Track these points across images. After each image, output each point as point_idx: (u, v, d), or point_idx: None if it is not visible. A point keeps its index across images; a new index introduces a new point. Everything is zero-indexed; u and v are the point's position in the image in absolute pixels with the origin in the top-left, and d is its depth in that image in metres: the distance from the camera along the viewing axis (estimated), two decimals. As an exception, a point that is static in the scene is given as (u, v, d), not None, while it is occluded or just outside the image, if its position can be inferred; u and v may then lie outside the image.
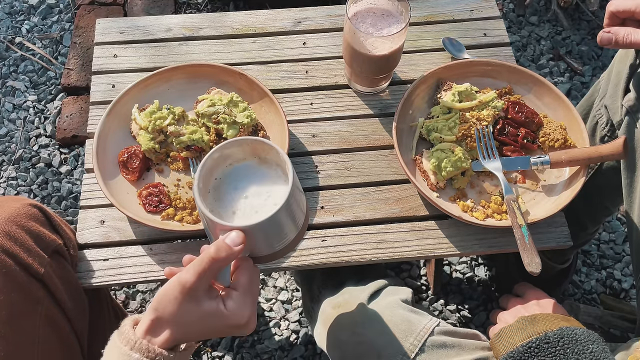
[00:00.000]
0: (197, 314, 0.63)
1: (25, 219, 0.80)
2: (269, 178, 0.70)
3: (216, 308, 0.63)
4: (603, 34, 0.80)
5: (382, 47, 0.96)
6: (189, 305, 0.62)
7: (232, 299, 0.64)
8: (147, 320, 0.62)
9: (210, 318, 0.63)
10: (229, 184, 0.70)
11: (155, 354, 0.61)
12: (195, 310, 0.62)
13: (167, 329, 0.62)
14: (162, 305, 0.62)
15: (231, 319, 0.63)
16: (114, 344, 0.63)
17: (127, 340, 0.62)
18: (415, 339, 0.82)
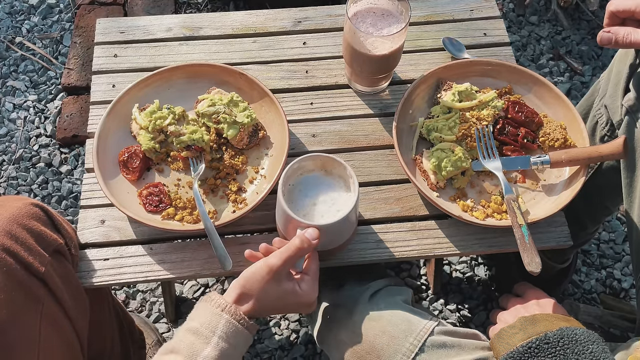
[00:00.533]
0: (277, 292, 0.77)
1: (27, 218, 0.81)
2: (333, 188, 0.87)
3: (293, 288, 0.78)
4: (603, 33, 0.80)
5: (382, 47, 0.96)
6: (273, 284, 0.77)
7: (305, 282, 0.80)
8: (234, 293, 0.77)
9: (288, 296, 0.78)
10: (300, 191, 0.87)
11: (240, 318, 0.75)
12: (277, 289, 0.77)
13: (251, 301, 0.76)
14: (249, 283, 0.77)
15: (304, 297, 0.79)
16: (204, 307, 0.76)
17: (218, 304, 0.75)
18: (415, 338, 0.82)
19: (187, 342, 0.73)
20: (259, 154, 0.99)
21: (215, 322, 0.74)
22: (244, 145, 0.98)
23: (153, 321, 1.34)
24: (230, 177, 0.97)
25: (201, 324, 0.74)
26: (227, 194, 0.95)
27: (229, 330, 0.74)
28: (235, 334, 0.74)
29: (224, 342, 0.73)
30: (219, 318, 0.74)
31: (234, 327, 0.74)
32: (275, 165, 0.96)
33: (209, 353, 0.72)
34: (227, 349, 0.73)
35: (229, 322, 0.74)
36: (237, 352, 0.76)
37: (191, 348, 0.72)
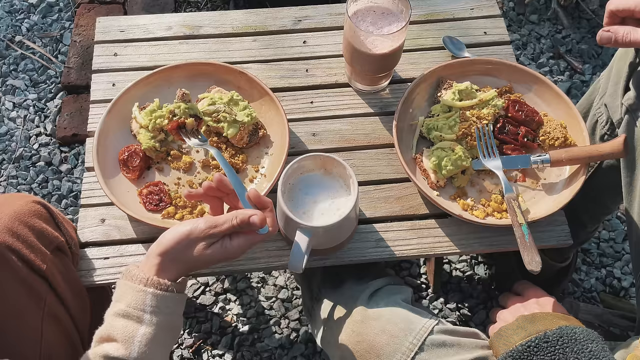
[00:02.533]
0: (202, 254, 0.74)
1: (29, 215, 0.81)
2: (333, 188, 0.87)
3: (220, 248, 0.74)
4: (603, 32, 0.80)
5: (383, 46, 0.96)
6: (198, 248, 0.74)
7: (237, 239, 0.75)
8: (154, 264, 0.73)
9: (214, 254, 0.74)
10: (300, 189, 0.87)
11: (166, 286, 0.72)
12: (202, 251, 0.74)
13: (173, 267, 0.74)
14: (170, 251, 0.73)
15: (229, 254, 0.75)
16: (126, 286, 0.72)
17: (139, 279, 0.72)
18: (415, 337, 0.83)
19: (120, 327, 0.70)
20: (259, 152, 0.99)
21: (142, 299, 0.71)
22: (244, 144, 0.98)
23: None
24: (230, 176, 0.97)
25: (128, 304, 0.71)
26: (227, 192, 0.95)
27: (159, 302, 0.71)
28: (166, 302, 0.72)
29: (156, 316, 0.71)
30: (144, 295, 0.71)
31: (162, 297, 0.72)
32: (275, 164, 0.96)
33: (145, 331, 0.70)
34: (164, 319, 0.72)
35: (155, 295, 0.71)
36: (176, 316, 0.74)
37: (125, 331, 0.70)
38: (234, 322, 1.35)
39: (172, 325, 0.74)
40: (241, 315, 1.35)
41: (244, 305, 1.36)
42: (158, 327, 0.71)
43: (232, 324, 1.35)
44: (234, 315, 1.35)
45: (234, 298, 1.37)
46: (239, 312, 1.36)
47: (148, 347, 0.70)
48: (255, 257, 0.93)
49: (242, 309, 1.36)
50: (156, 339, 0.70)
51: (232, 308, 1.36)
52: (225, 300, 1.37)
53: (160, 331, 0.71)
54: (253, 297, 1.37)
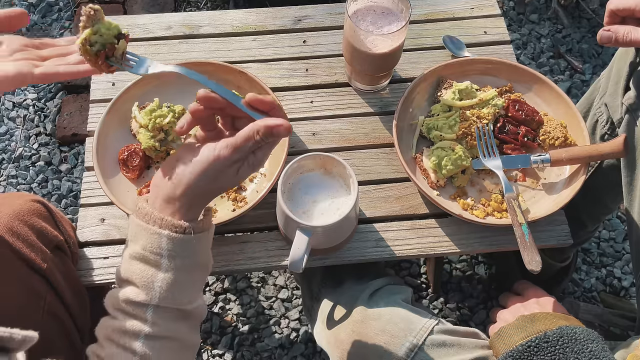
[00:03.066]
0: (233, 180, 0.67)
1: (29, 214, 0.81)
2: (333, 187, 0.87)
3: (247, 168, 0.66)
4: (603, 32, 0.80)
5: (383, 45, 0.96)
6: (225, 177, 0.66)
7: (261, 151, 0.66)
8: (175, 207, 0.66)
9: (243, 177, 0.67)
10: (300, 189, 0.87)
11: (183, 228, 0.65)
12: (232, 179, 0.66)
13: (198, 204, 0.67)
14: (196, 188, 0.65)
15: (255, 169, 0.68)
16: (139, 227, 0.66)
17: (153, 220, 0.65)
18: (415, 337, 0.82)
19: (138, 271, 0.66)
20: (259, 152, 0.99)
21: (157, 243, 0.65)
22: (244, 144, 0.98)
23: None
24: (230, 175, 0.96)
25: (143, 247, 0.65)
26: (227, 192, 0.95)
27: (175, 246, 0.65)
28: (183, 245, 0.65)
29: (174, 260, 0.65)
30: (159, 238, 0.65)
31: (179, 241, 0.65)
32: (275, 163, 0.96)
33: (164, 276, 0.65)
34: (183, 263, 0.66)
35: (171, 239, 0.65)
36: (197, 257, 0.68)
37: (144, 276, 0.65)
38: (234, 322, 1.35)
39: (195, 266, 0.68)
40: (241, 315, 1.35)
41: (244, 305, 1.36)
42: (178, 271, 0.66)
43: (232, 324, 1.35)
44: (233, 315, 1.35)
45: (234, 298, 1.37)
46: (239, 312, 1.36)
47: (170, 292, 0.65)
48: (255, 257, 0.93)
49: (242, 308, 1.36)
50: (178, 282, 0.66)
51: (232, 308, 1.36)
52: (225, 300, 1.37)
53: (182, 274, 0.66)
54: (253, 297, 1.37)
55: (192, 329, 0.70)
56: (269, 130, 0.64)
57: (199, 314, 0.71)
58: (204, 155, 0.65)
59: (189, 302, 0.68)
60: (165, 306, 0.66)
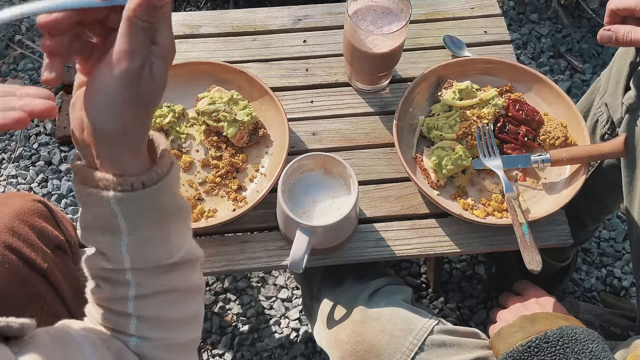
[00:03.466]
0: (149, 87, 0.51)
1: (29, 214, 0.81)
2: (333, 187, 0.87)
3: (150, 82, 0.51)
4: (603, 31, 0.80)
5: (383, 45, 0.96)
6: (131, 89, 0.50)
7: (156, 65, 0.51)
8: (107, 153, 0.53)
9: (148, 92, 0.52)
10: (300, 189, 0.87)
11: (132, 184, 0.53)
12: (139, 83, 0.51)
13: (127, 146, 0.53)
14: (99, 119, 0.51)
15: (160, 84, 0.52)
16: (82, 192, 0.54)
17: (95, 181, 0.53)
18: (415, 337, 0.82)
19: (99, 239, 0.57)
20: (259, 152, 0.99)
21: (106, 206, 0.54)
22: (244, 144, 0.98)
23: (153, 319, 1.33)
24: (230, 175, 0.96)
25: (94, 215, 0.55)
26: (227, 192, 0.95)
27: (128, 206, 0.54)
28: (137, 202, 0.54)
29: (131, 221, 0.55)
30: (106, 201, 0.53)
31: (129, 200, 0.53)
32: (275, 163, 0.96)
33: (127, 241, 0.55)
34: (143, 222, 0.55)
35: (119, 199, 0.53)
36: (160, 211, 0.56)
37: (106, 245, 0.56)
38: (234, 322, 1.35)
39: (163, 220, 0.57)
40: (241, 315, 1.35)
41: (244, 305, 1.36)
42: (142, 231, 0.55)
43: (232, 324, 1.34)
44: (233, 315, 1.35)
45: (234, 298, 1.37)
46: (239, 312, 1.36)
47: (140, 253, 0.56)
48: (256, 257, 0.93)
49: (242, 308, 1.36)
50: (146, 241, 0.56)
51: (232, 308, 1.36)
52: (225, 300, 1.37)
53: (148, 232, 0.56)
54: (253, 297, 1.37)
55: (187, 275, 0.62)
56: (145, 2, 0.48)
57: (190, 260, 0.61)
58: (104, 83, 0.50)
59: (169, 257, 0.58)
60: (142, 267, 0.57)
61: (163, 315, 0.61)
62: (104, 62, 0.51)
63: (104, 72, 0.50)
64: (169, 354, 0.62)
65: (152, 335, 0.60)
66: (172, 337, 0.62)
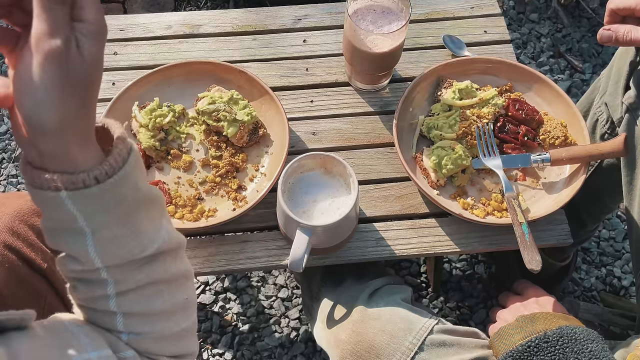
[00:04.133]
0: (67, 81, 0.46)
1: (29, 214, 0.81)
2: (333, 187, 0.87)
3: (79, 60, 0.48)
4: (603, 31, 0.80)
5: (383, 45, 0.96)
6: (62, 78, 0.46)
7: (85, 38, 0.49)
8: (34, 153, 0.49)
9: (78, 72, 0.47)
10: (300, 188, 0.87)
11: (85, 180, 0.48)
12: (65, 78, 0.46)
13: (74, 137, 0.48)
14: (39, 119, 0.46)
15: (90, 62, 0.49)
16: (37, 195, 0.50)
17: (46, 183, 0.48)
18: (415, 337, 0.82)
19: (63, 243, 0.53)
20: (259, 151, 0.99)
21: (62, 207, 0.49)
22: (244, 143, 0.98)
23: (153, 319, 1.33)
24: (230, 174, 0.97)
25: (50, 217, 0.51)
26: (228, 192, 0.95)
27: (85, 204, 0.49)
28: (94, 199, 0.49)
29: (91, 218, 0.50)
30: (61, 202, 0.48)
31: (84, 197, 0.49)
32: (275, 163, 0.96)
33: (93, 240, 0.51)
34: (106, 218, 0.51)
35: (73, 197, 0.48)
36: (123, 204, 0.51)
37: (72, 248, 0.53)
38: (234, 321, 1.35)
39: (128, 213, 0.52)
40: (241, 314, 1.35)
41: (244, 304, 1.36)
42: (107, 228, 0.51)
43: (232, 323, 1.35)
44: (234, 314, 1.35)
45: (234, 297, 1.37)
46: (239, 311, 1.36)
47: (109, 251, 0.52)
48: (256, 257, 0.93)
49: (242, 308, 1.36)
50: (113, 238, 0.52)
51: (232, 307, 1.36)
52: (225, 299, 1.37)
53: (114, 228, 0.52)
54: (253, 296, 1.37)
55: (168, 265, 0.58)
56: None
57: (169, 248, 0.57)
58: (29, 70, 0.45)
59: (142, 250, 0.54)
60: (115, 265, 0.54)
61: (150, 309, 0.58)
62: (25, 48, 0.45)
63: (27, 58, 0.45)
64: (160, 344, 0.60)
65: (142, 329, 0.58)
66: (162, 329, 0.59)
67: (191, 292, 0.63)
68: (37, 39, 0.44)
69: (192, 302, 0.63)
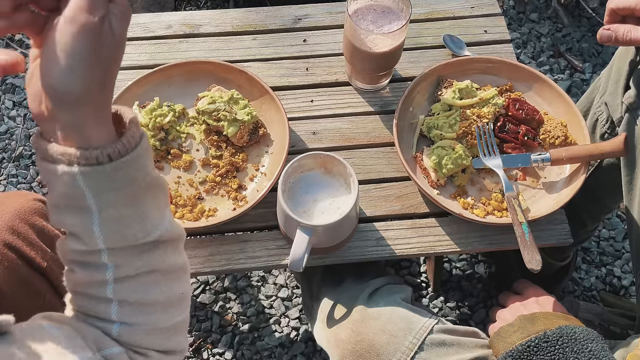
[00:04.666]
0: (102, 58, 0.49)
1: (29, 213, 0.81)
2: (333, 186, 0.87)
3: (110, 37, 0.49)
4: (603, 31, 0.80)
5: (383, 44, 0.96)
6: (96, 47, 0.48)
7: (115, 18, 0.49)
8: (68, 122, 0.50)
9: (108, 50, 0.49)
10: (300, 188, 0.87)
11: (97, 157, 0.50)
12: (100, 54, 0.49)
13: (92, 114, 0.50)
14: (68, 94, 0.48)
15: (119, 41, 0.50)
16: (46, 170, 0.51)
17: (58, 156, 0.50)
18: (415, 337, 0.82)
19: (69, 221, 0.53)
20: (259, 151, 0.99)
21: (72, 183, 0.50)
22: (244, 143, 0.98)
23: (153, 318, 1.34)
24: (230, 174, 0.97)
25: (62, 193, 0.52)
26: (228, 191, 0.95)
27: (96, 181, 0.50)
28: (106, 176, 0.51)
29: (101, 197, 0.51)
30: (72, 178, 0.50)
31: (97, 174, 0.50)
32: (275, 162, 0.96)
33: (99, 219, 0.52)
34: (115, 197, 0.52)
35: (85, 174, 0.50)
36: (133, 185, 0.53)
37: (78, 225, 0.53)
38: (234, 321, 1.35)
39: (136, 194, 0.53)
40: (241, 314, 1.35)
41: (244, 304, 1.36)
42: (114, 207, 0.52)
43: (232, 323, 1.35)
44: (234, 314, 1.35)
45: (234, 297, 1.37)
46: (239, 311, 1.36)
47: (114, 231, 0.53)
48: (256, 256, 0.93)
49: (242, 307, 1.36)
50: (120, 218, 0.53)
51: (232, 307, 1.36)
52: (225, 299, 1.37)
53: (121, 208, 0.53)
54: (253, 296, 1.37)
55: (168, 254, 0.58)
56: None
57: (171, 238, 0.58)
58: (62, 42, 0.47)
59: (146, 235, 0.55)
60: (118, 247, 0.54)
61: (145, 299, 0.57)
62: (54, 28, 0.48)
63: (62, 30, 0.47)
64: (152, 337, 0.59)
65: (136, 320, 0.58)
66: (156, 320, 0.59)
67: (187, 287, 0.63)
68: (75, 13, 0.47)
69: (187, 297, 0.64)
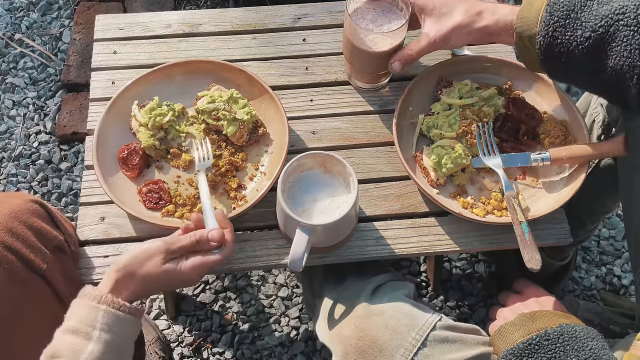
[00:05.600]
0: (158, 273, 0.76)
1: (27, 215, 0.81)
2: (333, 186, 0.87)
3: (174, 268, 0.77)
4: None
5: (383, 44, 0.96)
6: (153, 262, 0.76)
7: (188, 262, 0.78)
8: (109, 282, 0.74)
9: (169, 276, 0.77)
10: (300, 187, 0.87)
11: (120, 305, 0.72)
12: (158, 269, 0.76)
13: (131, 286, 0.74)
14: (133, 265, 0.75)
15: (184, 275, 0.78)
16: (79, 304, 0.72)
17: (93, 296, 0.71)
18: (418, 333, 0.82)
19: (67, 343, 0.69)
20: (258, 150, 0.99)
21: (93, 315, 0.70)
22: (244, 142, 0.98)
23: (153, 318, 1.34)
24: (230, 174, 0.97)
25: (78, 321, 0.70)
26: (227, 190, 0.95)
27: (110, 320, 0.70)
28: (118, 322, 0.71)
29: (106, 333, 0.69)
30: (96, 311, 0.70)
31: (114, 316, 0.71)
32: (275, 162, 0.96)
33: (93, 348, 0.68)
34: (113, 340, 0.70)
35: (108, 313, 0.70)
36: (125, 340, 0.73)
37: (72, 348, 0.68)
38: (234, 320, 1.35)
39: (122, 349, 0.72)
40: (241, 313, 1.35)
41: (244, 303, 1.36)
42: (107, 346, 0.69)
43: (232, 322, 1.35)
44: (234, 313, 1.35)
45: (234, 296, 1.37)
46: (239, 310, 1.36)
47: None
48: (255, 256, 0.93)
49: (242, 307, 1.36)
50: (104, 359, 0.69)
51: (232, 306, 1.36)
52: (225, 299, 1.37)
53: (109, 352, 0.69)
54: (253, 295, 1.37)
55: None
56: (205, 235, 0.79)
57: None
58: (145, 243, 0.78)
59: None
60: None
61: None
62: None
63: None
64: None
65: None
66: None
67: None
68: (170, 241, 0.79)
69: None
